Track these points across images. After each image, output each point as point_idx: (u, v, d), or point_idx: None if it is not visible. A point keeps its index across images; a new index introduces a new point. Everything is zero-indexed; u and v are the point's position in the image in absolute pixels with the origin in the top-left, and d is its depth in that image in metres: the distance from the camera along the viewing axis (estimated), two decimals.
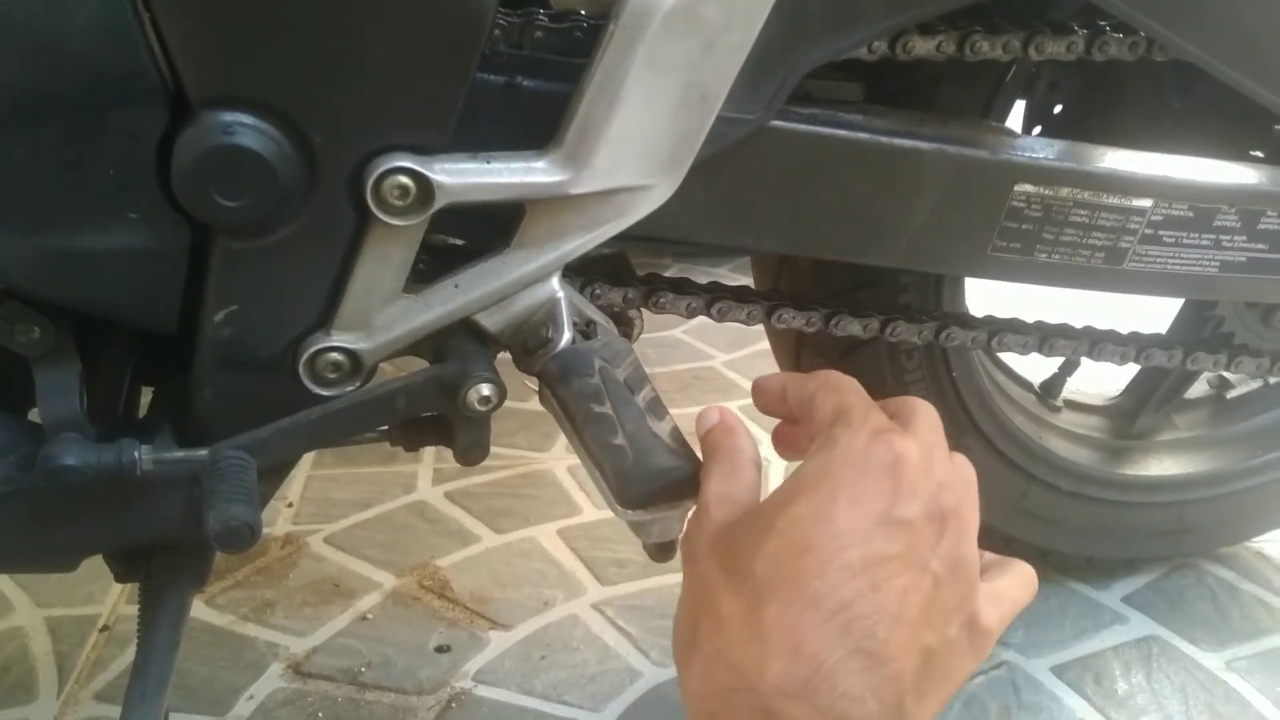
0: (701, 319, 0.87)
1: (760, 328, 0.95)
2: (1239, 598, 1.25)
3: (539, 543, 1.30)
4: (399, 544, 1.29)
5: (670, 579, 1.21)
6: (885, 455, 0.53)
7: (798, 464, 0.58)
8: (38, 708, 1.00)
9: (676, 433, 0.65)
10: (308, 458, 1.46)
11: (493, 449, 0.74)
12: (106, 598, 1.15)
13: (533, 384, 0.71)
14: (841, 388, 0.61)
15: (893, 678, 0.49)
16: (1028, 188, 0.79)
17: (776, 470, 1.48)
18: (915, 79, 0.83)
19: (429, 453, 1.47)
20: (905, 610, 0.50)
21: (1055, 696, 1.08)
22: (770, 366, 1.82)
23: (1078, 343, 0.96)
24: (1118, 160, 0.83)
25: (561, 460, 1.48)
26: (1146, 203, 0.83)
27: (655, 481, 0.61)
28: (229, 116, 0.60)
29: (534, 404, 0.72)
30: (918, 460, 0.53)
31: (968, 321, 0.92)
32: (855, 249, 0.81)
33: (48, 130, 0.59)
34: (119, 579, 0.79)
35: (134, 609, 0.78)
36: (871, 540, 0.51)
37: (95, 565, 0.77)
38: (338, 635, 1.12)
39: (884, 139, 0.76)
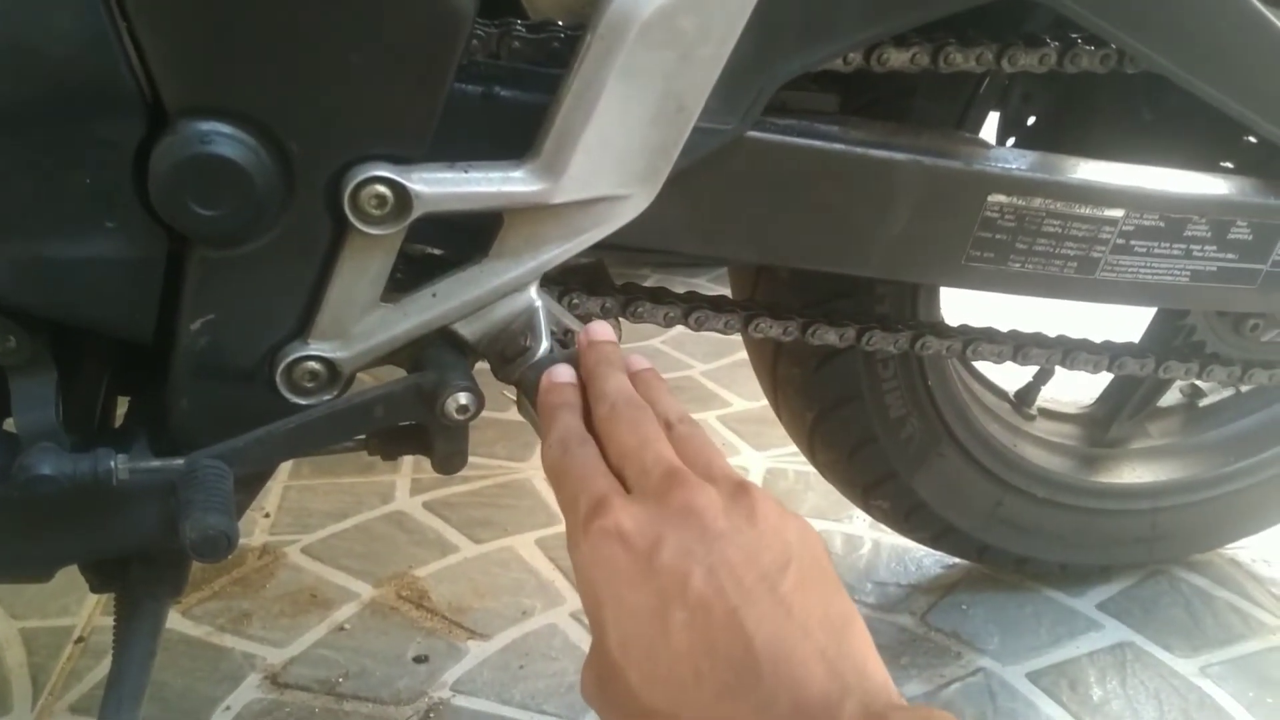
0: (680, 329, 0.87)
1: (739, 338, 0.95)
2: (1213, 604, 1.26)
3: (517, 552, 1.30)
4: (377, 554, 1.28)
5: None
6: (607, 551, 0.49)
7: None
8: None
9: None
10: (285, 468, 1.45)
11: (471, 458, 0.74)
12: (82, 609, 1.14)
13: (512, 394, 0.71)
14: (558, 478, 0.55)
15: None
16: (1001, 198, 0.80)
17: (755, 480, 1.49)
18: (890, 90, 0.84)
19: (407, 463, 1.47)
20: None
21: (1031, 703, 1.08)
22: (748, 375, 1.82)
23: (1052, 351, 0.97)
24: (1090, 171, 0.84)
25: (540, 470, 1.47)
26: (1118, 213, 0.84)
27: None
28: (206, 125, 0.60)
29: (513, 414, 0.72)
30: (640, 529, 0.49)
31: (943, 330, 0.93)
32: (831, 259, 0.82)
33: (23, 138, 0.59)
34: (94, 589, 0.79)
35: (110, 620, 0.77)
36: (656, 643, 0.46)
37: (70, 576, 0.77)
38: (315, 646, 1.11)
39: (859, 150, 0.77)
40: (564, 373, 0.63)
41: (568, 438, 0.56)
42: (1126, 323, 1.15)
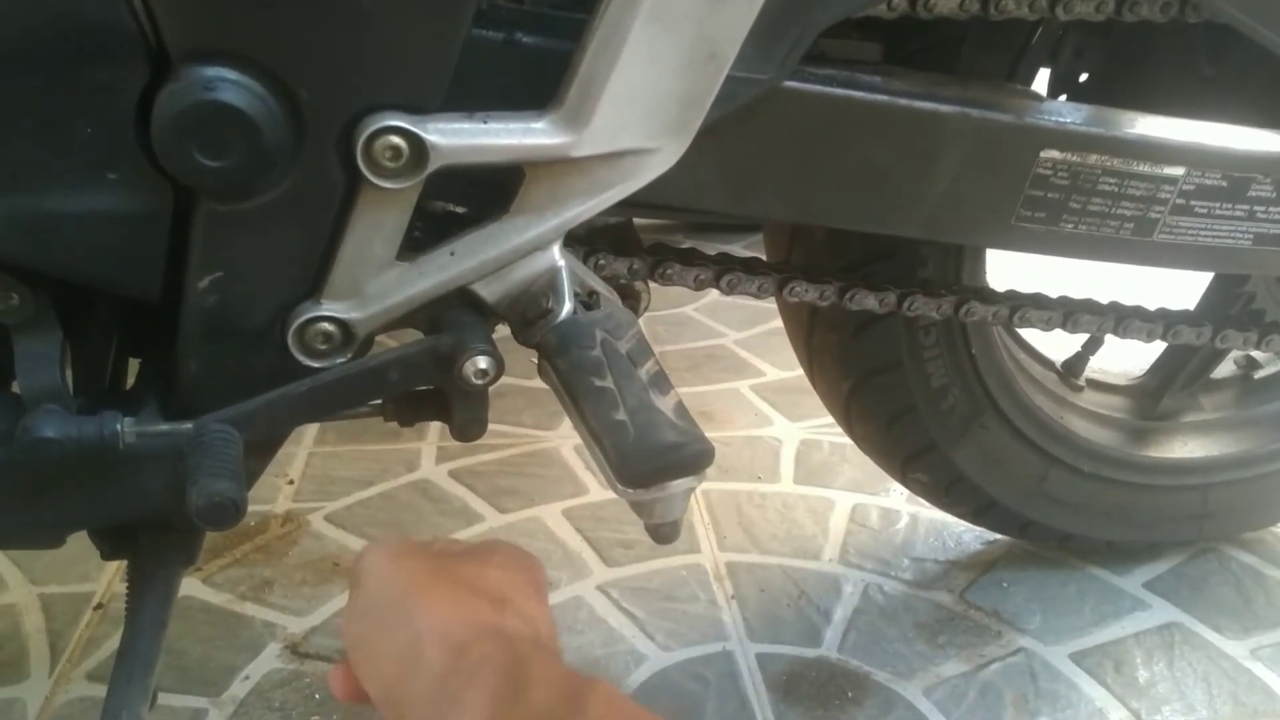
0: (713, 296, 0.84)
1: (773, 305, 0.91)
2: (1264, 584, 1.21)
3: (544, 523, 1.27)
4: (401, 523, 1.26)
5: (678, 560, 1.18)
6: None
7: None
8: (29, 686, 0.98)
9: (681, 408, 0.62)
10: (309, 433, 1.43)
11: (497, 427, 0.72)
12: (101, 575, 1.13)
13: (535, 358, 0.68)
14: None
15: None
16: (1054, 154, 0.76)
17: (788, 454, 1.45)
18: (936, 39, 0.80)
19: (433, 430, 1.45)
20: None
21: (1074, 685, 1.04)
22: (782, 344, 1.78)
23: (1103, 319, 0.92)
24: (1149, 126, 0.79)
25: (568, 439, 1.44)
26: (1178, 171, 0.79)
27: (658, 459, 0.58)
28: (211, 71, 0.57)
29: (539, 382, 0.69)
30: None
31: (989, 296, 0.89)
32: (872, 218, 0.78)
33: (20, 84, 0.56)
34: (105, 556, 0.77)
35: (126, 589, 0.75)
36: None
37: (89, 542, 0.75)
38: (337, 615, 1.09)
39: (904, 101, 0.72)
40: None
41: None
42: (1173, 289, 1.10)
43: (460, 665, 0.47)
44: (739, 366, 1.72)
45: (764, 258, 0.95)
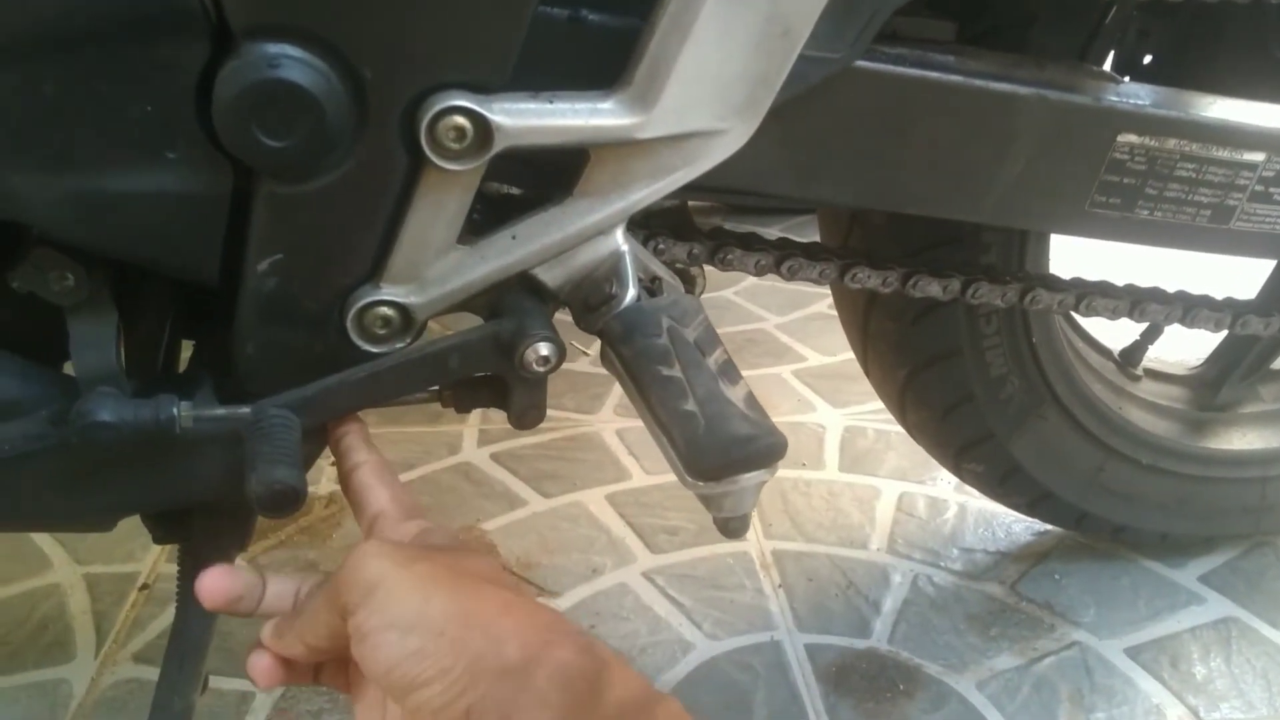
0: (752, 280, 0.82)
1: (814, 289, 0.89)
2: None
3: (587, 508, 1.26)
4: (444, 506, 1.25)
5: (724, 548, 1.16)
6: None
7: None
8: (75, 667, 0.97)
9: (751, 398, 0.60)
10: None
11: None
12: (146, 555, 1.12)
13: (580, 342, 0.66)
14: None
15: None
16: (1132, 138, 0.73)
17: (833, 440, 1.43)
18: (1009, 18, 0.77)
19: (475, 412, 1.44)
20: None
21: (1129, 680, 1.02)
22: (824, 329, 1.77)
23: (1171, 308, 0.90)
24: (1229, 110, 0.76)
25: (610, 423, 1.43)
26: (1259, 157, 0.76)
27: (730, 452, 0.57)
28: (274, 48, 0.55)
29: (582, 365, 0.68)
30: None
31: (1054, 284, 0.86)
32: (941, 203, 0.75)
33: (80, 62, 0.54)
34: (157, 540, 0.76)
35: (175, 568, 0.75)
36: None
37: (134, 522, 0.74)
38: None
39: (978, 82, 0.70)
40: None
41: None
42: (1216, 275, 1.06)
43: (541, 669, 0.46)
44: (780, 351, 1.70)
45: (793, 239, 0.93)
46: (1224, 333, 0.95)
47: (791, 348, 1.71)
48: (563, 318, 0.68)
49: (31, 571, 1.10)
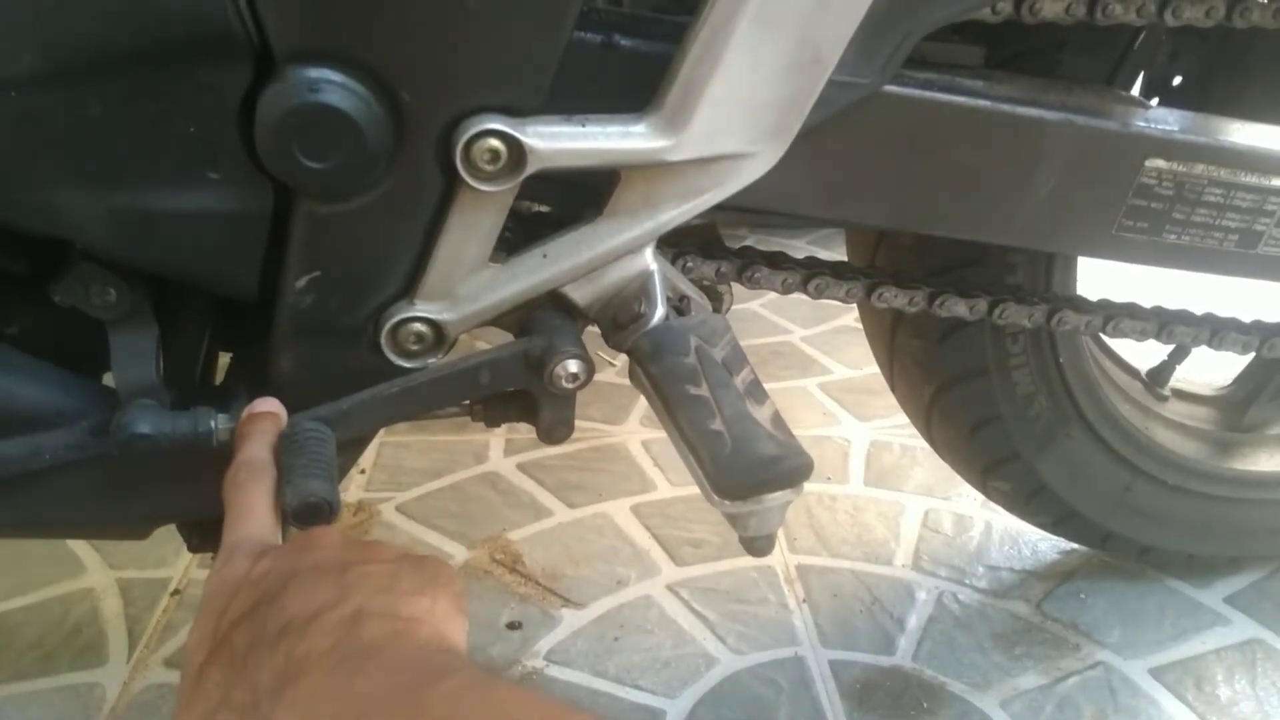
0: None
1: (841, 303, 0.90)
2: None
3: (612, 519, 1.27)
4: (471, 515, 1.27)
5: (748, 562, 1.17)
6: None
7: None
8: (108, 671, 0.99)
9: (778, 418, 0.61)
10: None
11: None
12: (179, 561, 1.14)
13: (607, 354, 0.67)
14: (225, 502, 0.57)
15: None
16: (1160, 163, 0.74)
17: (858, 454, 1.44)
18: (1037, 44, 0.78)
19: None
20: None
21: (1154, 700, 1.02)
22: (849, 342, 1.77)
23: (1199, 330, 0.90)
24: (1258, 135, 0.76)
25: (635, 434, 1.44)
26: None
27: (756, 472, 0.57)
28: (315, 73, 0.57)
29: (608, 376, 0.69)
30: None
31: (1082, 305, 0.87)
32: (968, 225, 0.76)
33: (125, 83, 0.56)
34: (192, 549, 0.77)
35: (205, 574, 0.76)
36: None
37: (166, 528, 0.76)
38: None
39: (1006, 107, 0.71)
40: (267, 403, 0.63)
41: (241, 467, 0.57)
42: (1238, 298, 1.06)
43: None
44: (805, 364, 1.71)
45: (820, 256, 0.94)
46: (1251, 355, 0.95)
47: (817, 360, 1.72)
48: (590, 331, 0.69)
49: (65, 575, 1.12)
